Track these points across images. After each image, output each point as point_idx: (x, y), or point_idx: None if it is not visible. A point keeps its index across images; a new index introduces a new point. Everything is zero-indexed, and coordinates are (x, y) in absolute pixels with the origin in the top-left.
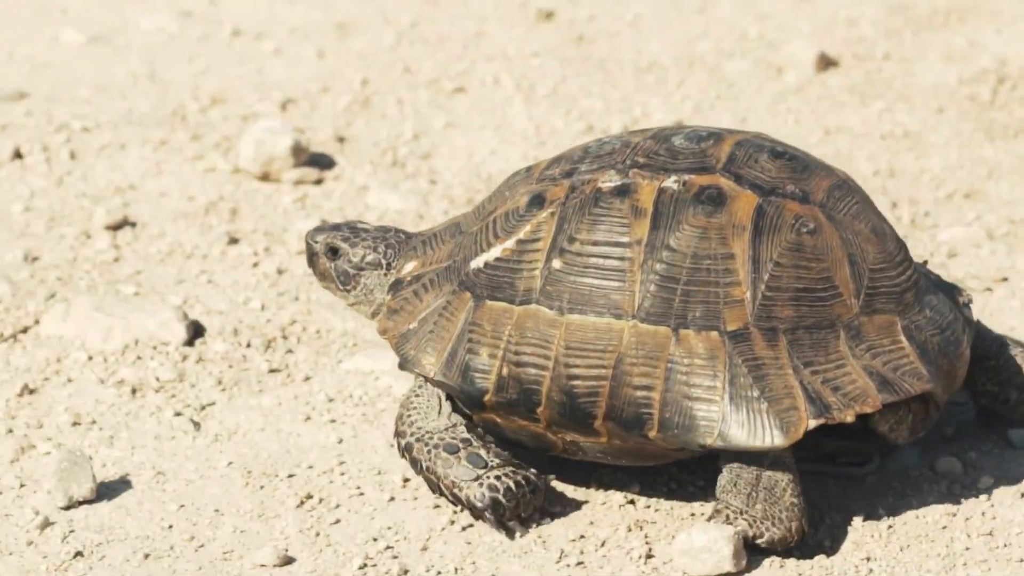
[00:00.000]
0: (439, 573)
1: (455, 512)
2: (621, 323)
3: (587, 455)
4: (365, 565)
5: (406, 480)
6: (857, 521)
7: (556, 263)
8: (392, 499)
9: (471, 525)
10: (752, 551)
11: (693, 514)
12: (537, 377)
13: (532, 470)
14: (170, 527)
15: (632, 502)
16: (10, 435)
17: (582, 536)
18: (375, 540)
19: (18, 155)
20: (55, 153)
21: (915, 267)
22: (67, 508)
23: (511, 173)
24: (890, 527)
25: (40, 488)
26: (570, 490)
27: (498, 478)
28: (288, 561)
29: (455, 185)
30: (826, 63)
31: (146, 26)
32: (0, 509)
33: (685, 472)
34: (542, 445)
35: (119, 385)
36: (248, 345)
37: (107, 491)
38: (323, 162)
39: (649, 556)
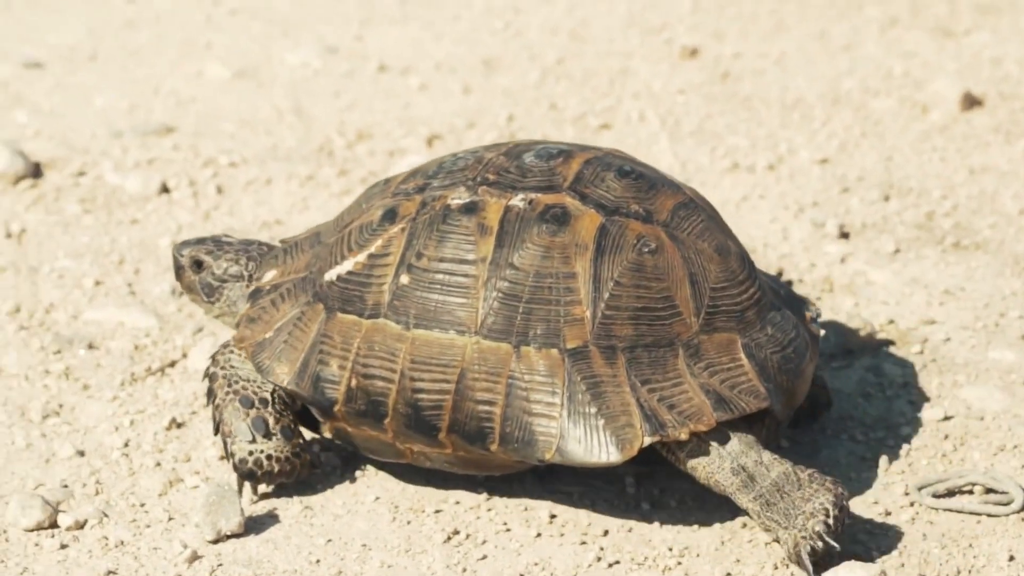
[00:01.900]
0: None
1: (602, 549)
2: (464, 339)
3: (435, 465)
4: None
5: (552, 516)
6: (1002, 560)
7: (404, 278)
8: (539, 535)
9: (617, 562)
10: (840, 527)
11: (840, 553)
12: (384, 389)
13: (306, 455)
14: (317, 561)
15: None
16: (158, 468)
17: (728, 574)
18: None
19: (165, 189)
20: (202, 187)
21: (759, 285)
22: (215, 542)
23: (371, 184)
24: None
25: (188, 522)
26: (716, 527)
27: (268, 457)
28: None
29: None
30: (971, 102)
31: (291, 61)
32: (148, 542)
33: None
34: (391, 454)
35: None
36: None
37: (255, 525)
38: None
39: None
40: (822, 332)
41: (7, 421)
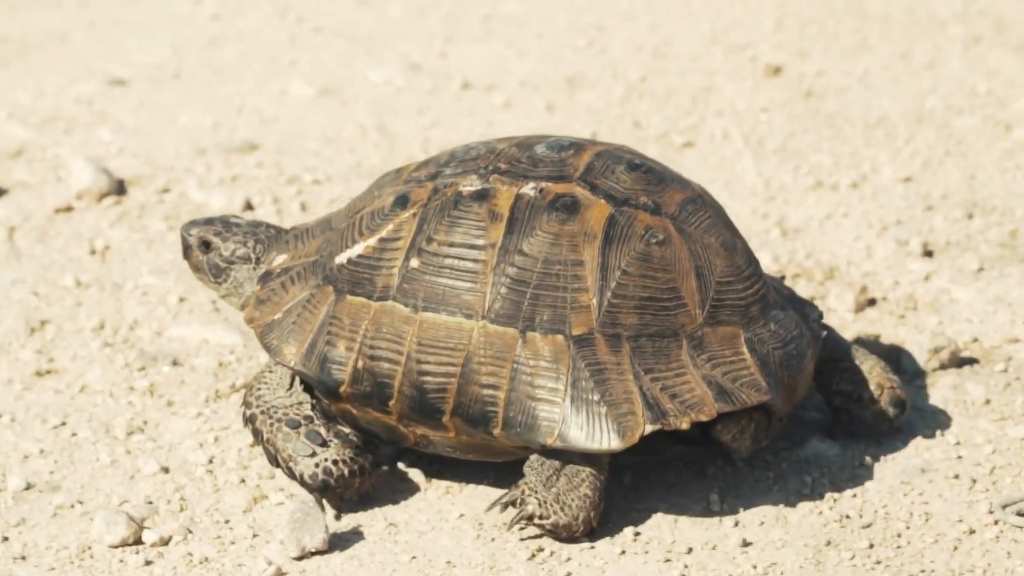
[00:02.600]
0: None
1: (686, 567)
2: (471, 323)
3: (438, 449)
4: None
5: (636, 534)
6: None
7: (414, 262)
8: (623, 553)
9: None
10: (540, 532)
11: (924, 572)
12: (390, 371)
13: (368, 455)
14: None
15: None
16: (243, 485)
17: None
18: None
19: (249, 206)
20: (286, 205)
21: (764, 282)
22: (300, 559)
23: (383, 174)
24: None
25: (273, 538)
26: (800, 545)
27: (334, 462)
28: None
29: None
30: None
31: (375, 79)
32: (233, 559)
33: (912, 529)
34: (395, 437)
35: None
36: None
37: (339, 542)
38: None
39: None
40: (824, 332)
41: (92, 438)
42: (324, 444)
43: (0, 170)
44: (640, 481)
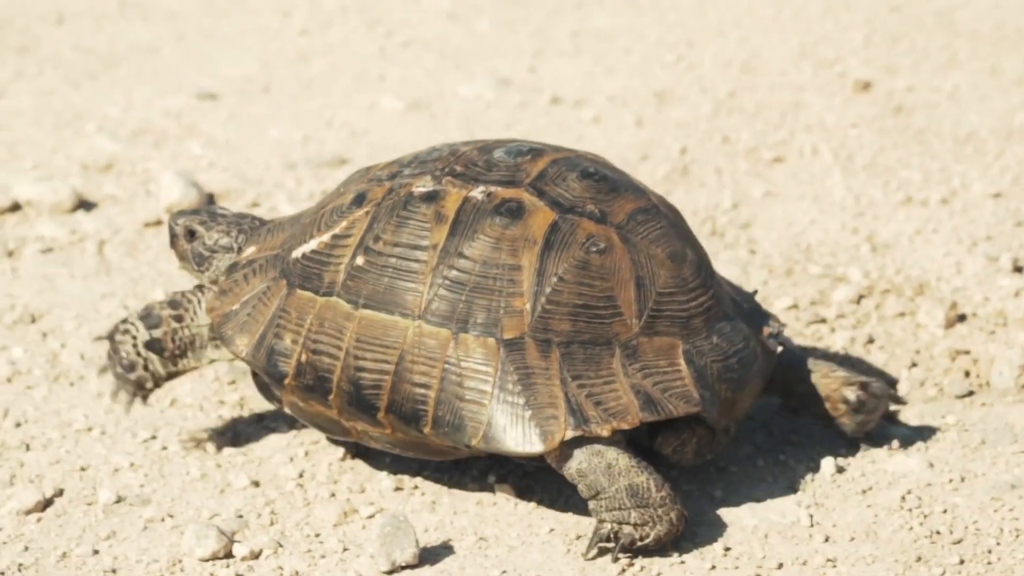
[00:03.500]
0: None
1: None
2: (407, 322)
3: (380, 445)
4: None
5: (726, 549)
6: None
7: (359, 260)
8: (713, 568)
9: None
10: (646, 553)
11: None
12: (330, 366)
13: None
14: None
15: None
16: (333, 499)
17: None
18: None
19: None
20: None
21: (713, 294)
22: (390, 573)
23: (355, 170)
24: None
25: (363, 552)
26: (890, 560)
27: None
28: None
29: (774, 255)
30: None
31: (464, 93)
32: (323, 573)
33: (1002, 545)
34: (338, 431)
35: None
36: None
37: (430, 556)
38: None
39: None
40: (779, 348)
41: (182, 451)
42: (156, 327)
43: (90, 184)
44: (730, 496)
